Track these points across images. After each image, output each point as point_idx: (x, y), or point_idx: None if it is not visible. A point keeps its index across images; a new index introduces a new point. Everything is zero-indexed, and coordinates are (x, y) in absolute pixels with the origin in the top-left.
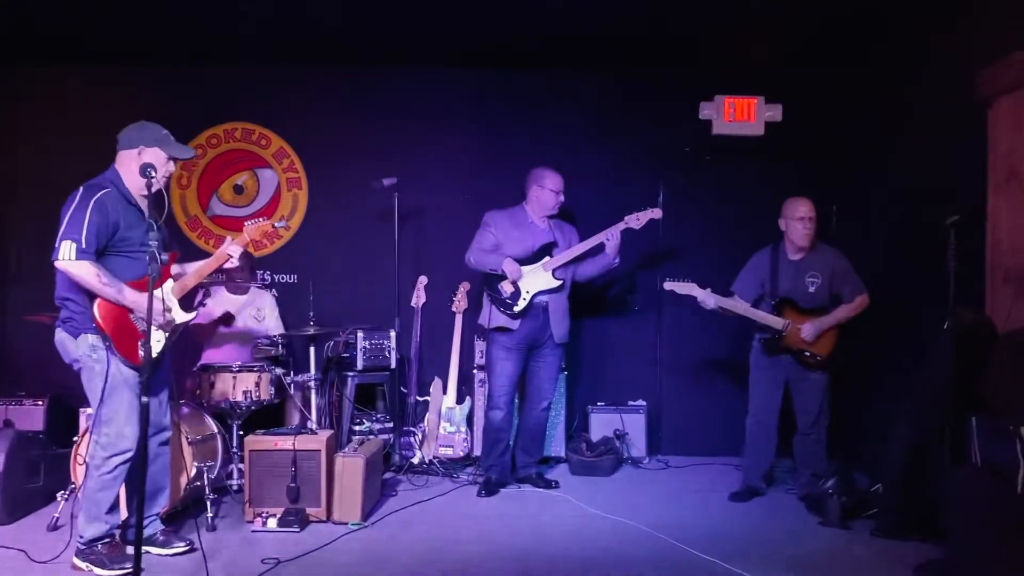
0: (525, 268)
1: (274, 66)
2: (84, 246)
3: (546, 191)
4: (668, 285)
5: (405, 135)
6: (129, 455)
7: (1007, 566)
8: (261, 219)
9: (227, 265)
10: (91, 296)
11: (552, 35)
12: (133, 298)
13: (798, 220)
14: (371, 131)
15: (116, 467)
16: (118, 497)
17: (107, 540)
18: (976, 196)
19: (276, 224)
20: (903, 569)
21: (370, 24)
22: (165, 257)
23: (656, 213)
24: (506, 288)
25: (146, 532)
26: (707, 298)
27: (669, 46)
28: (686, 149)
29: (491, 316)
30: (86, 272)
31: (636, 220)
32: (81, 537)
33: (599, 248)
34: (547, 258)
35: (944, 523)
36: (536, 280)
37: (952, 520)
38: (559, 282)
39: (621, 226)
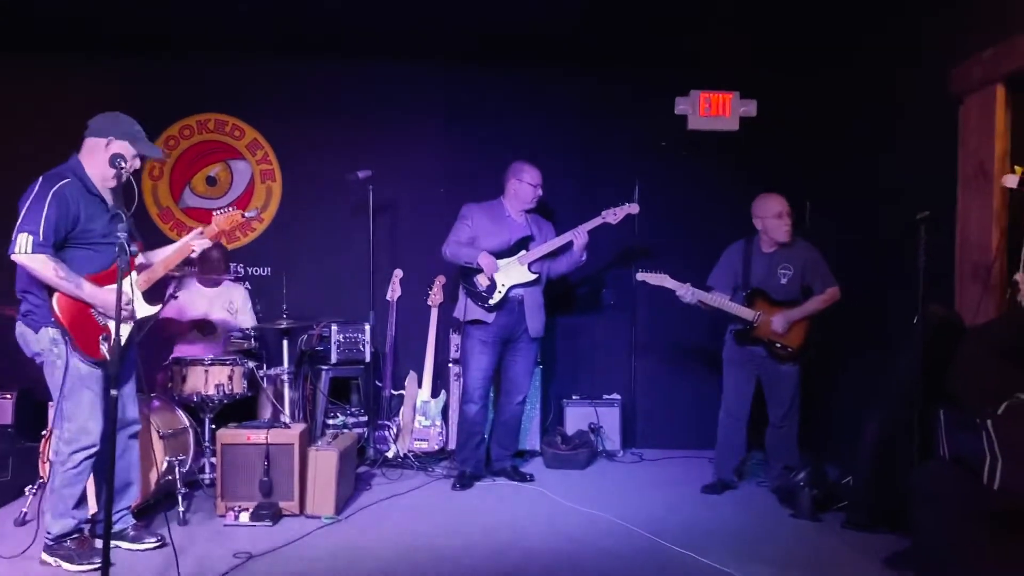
0: (501, 261)
1: (249, 57)
2: (41, 239)
3: (524, 184)
4: (640, 276)
5: (380, 128)
6: (93, 450)
7: (974, 557)
8: (230, 208)
9: (192, 255)
10: (50, 289)
11: (529, 30)
12: (91, 292)
13: (775, 217)
14: (346, 123)
15: (80, 462)
16: (85, 492)
17: (75, 535)
18: (947, 192)
19: (246, 214)
20: (873, 560)
21: (347, 16)
22: (135, 248)
23: (633, 208)
24: (481, 281)
25: (117, 527)
26: (686, 292)
27: (646, 42)
28: (662, 144)
29: (467, 309)
30: (42, 266)
31: (613, 215)
32: (49, 533)
33: (571, 244)
34: (523, 252)
35: (912, 515)
36: (512, 273)
37: (920, 512)
38: (535, 276)
39: (597, 221)
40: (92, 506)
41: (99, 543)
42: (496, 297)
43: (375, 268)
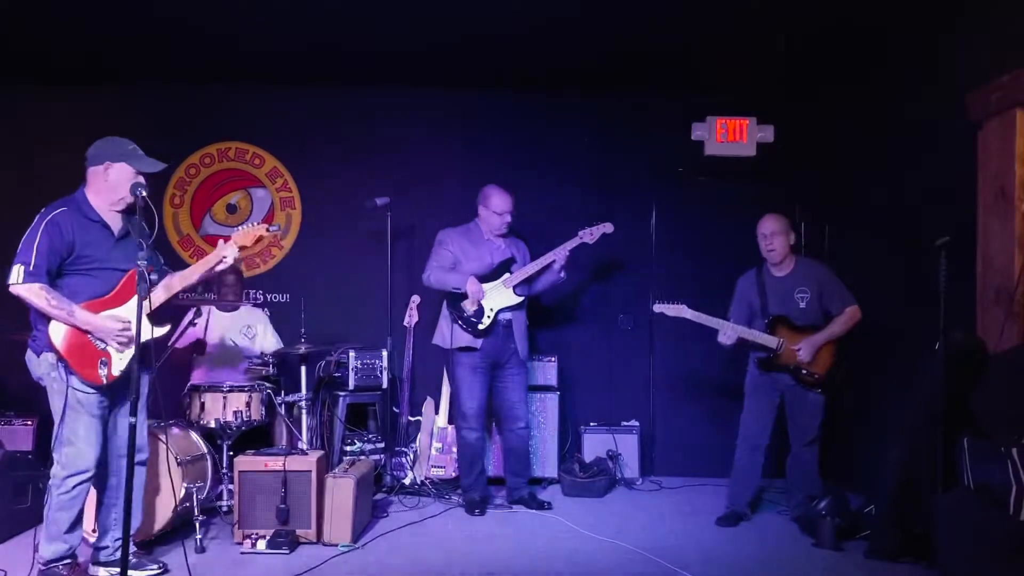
0: (486, 285)
1: (268, 85)
2: (32, 269)
3: (491, 213)
4: (658, 308)
5: (398, 155)
6: (88, 475)
7: None
8: (251, 223)
9: (219, 267)
10: (47, 317)
11: (546, 56)
12: (84, 319)
13: (760, 238)
14: (364, 151)
15: (75, 487)
16: (79, 516)
17: (68, 561)
18: (967, 216)
19: (269, 228)
20: None
21: (365, 44)
22: (155, 278)
23: (608, 227)
24: (469, 307)
25: (116, 555)
26: (726, 331)
27: (662, 67)
28: (679, 170)
29: (453, 336)
30: (34, 295)
31: (590, 235)
32: (41, 558)
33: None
34: (507, 274)
35: (936, 545)
36: (498, 297)
37: (944, 542)
38: (520, 298)
39: (575, 242)
40: (87, 528)
41: (92, 570)
42: (485, 322)
43: (393, 294)
